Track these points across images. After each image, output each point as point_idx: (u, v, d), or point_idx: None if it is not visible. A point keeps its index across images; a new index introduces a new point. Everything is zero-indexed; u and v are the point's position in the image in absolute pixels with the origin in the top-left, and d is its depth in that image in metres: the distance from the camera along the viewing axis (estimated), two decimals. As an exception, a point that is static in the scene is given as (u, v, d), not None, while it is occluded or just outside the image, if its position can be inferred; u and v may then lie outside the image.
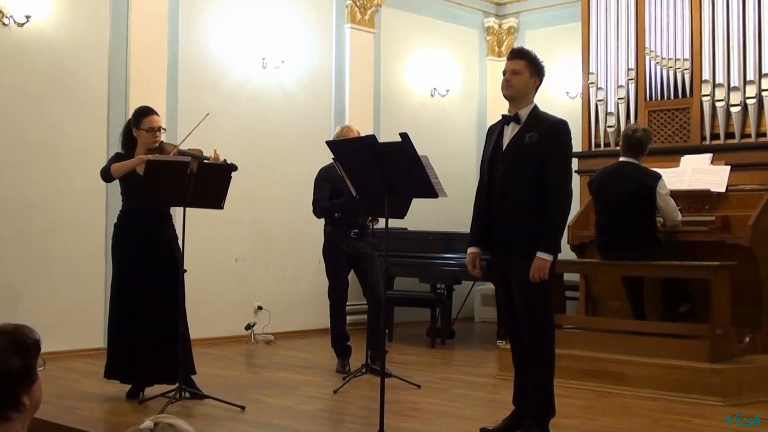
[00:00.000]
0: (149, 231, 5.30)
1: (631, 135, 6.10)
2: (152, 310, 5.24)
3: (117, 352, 5.29)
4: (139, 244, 5.28)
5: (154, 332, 5.24)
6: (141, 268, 5.27)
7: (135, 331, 5.24)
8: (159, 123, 5.37)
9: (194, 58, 7.78)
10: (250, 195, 7.88)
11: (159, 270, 5.28)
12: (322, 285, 6.78)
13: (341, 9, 8.92)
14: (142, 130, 5.31)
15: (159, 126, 5.36)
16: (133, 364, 5.25)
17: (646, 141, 6.10)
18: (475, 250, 4.53)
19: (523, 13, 10.26)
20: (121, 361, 5.28)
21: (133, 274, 5.27)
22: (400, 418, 4.86)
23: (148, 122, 5.31)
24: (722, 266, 5.67)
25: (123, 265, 5.34)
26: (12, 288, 6.66)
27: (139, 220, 5.32)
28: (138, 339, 5.23)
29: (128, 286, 5.27)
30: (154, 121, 5.33)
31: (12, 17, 6.64)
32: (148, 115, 5.34)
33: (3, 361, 1.88)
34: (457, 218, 9.31)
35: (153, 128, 5.31)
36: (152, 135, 5.30)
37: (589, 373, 5.80)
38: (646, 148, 6.11)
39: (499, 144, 4.43)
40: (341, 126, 6.66)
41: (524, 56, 4.40)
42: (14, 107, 6.71)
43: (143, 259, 5.27)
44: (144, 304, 5.24)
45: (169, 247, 5.36)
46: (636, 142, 6.05)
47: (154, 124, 5.32)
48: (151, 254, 5.27)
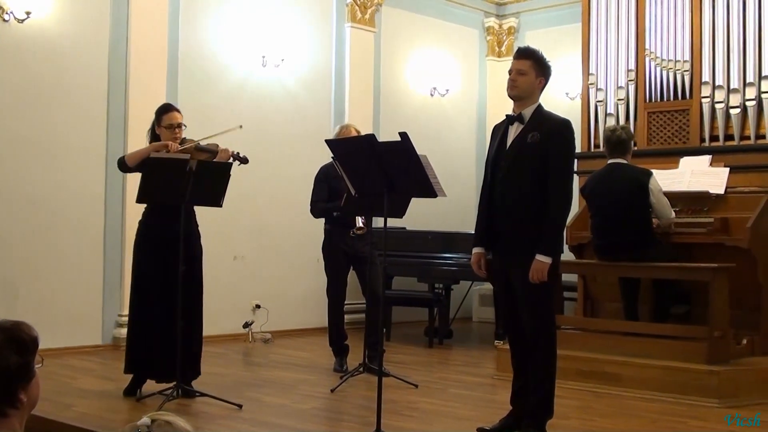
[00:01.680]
0: (169, 226, 5.24)
1: (611, 135, 6.11)
2: (169, 306, 5.21)
3: (135, 348, 5.30)
4: (159, 240, 5.29)
5: (171, 329, 5.20)
6: (158, 264, 5.28)
7: (152, 326, 5.24)
8: (179, 119, 5.43)
9: (194, 56, 7.78)
10: (249, 193, 7.88)
11: (176, 265, 5.21)
12: (320, 284, 6.78)
13: (341, 8, 8.92)
14: (163, 127, 5.40)
15: (179, 122, 5.42)
16: (149, 360, 5.26)
17: (628, 139, 6.10)
18: (480, 251, 4.52)
19: (524, 13, 10.25)
20: (138, 355, 5.28)
21: (152, 270, 5.29)
22: (397, 417, 4.86)
23: (167, 119, 5.41)
24: (721, 268, 5.67)
25: (141, 260, 5.37)
26: (10, 285, 6.65)
27: (161, 216, 5.31)
28: (156, 335, 5.23)
29: (147, 282, 5.30)
30: (174, 117, 5.41)
31: (12, 13, 6.64)
32: (167, 112, 5.44)
33: (0, 357, 1.88)
34: (456, 218, 9.33)
35: (173, 125, 5.39)
36: (172, 131, 5.38)
37: (586, 373, 5.80)
38: (630, 146, 6.12)
39: (503, 143, 4.43)
40: (341, 125, 6.65)
41: (530, 56, 4.39)
42: (13, 104, 6.71)
43: (160, 255, 5.27)
44: (161, 299, 5.23)
45: (189, 242, 5.34)
46: (618, 141, 6.05)
47: (173, 120, 5.41)
48: (170, 250, 5.22)
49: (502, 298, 4.63)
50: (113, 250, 7.20)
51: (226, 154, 5.37)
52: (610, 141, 6.09)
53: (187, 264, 5.24)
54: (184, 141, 5.41)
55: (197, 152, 5.34)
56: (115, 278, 7.19)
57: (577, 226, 6.79)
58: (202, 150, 5.37)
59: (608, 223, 6.06)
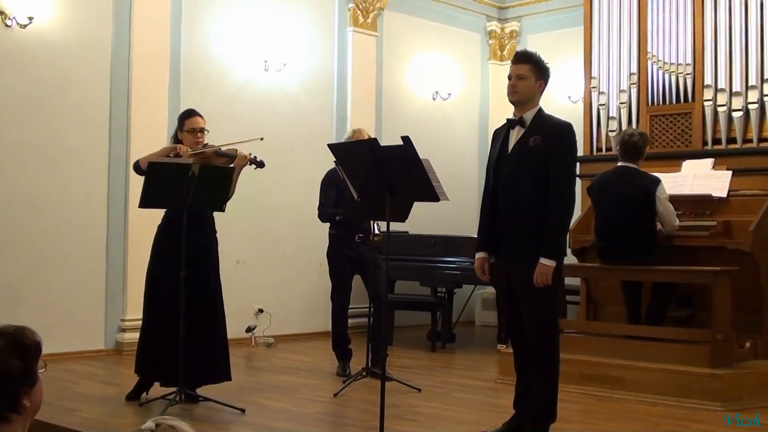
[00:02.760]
0: (187, 233, 5.16)
1: (628, 140, 6.10)
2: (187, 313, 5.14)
3: (146, 351, 5.29)
4: (174, 247, 5.20)
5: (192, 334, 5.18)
6: (172, 271, 5.20)
7: (163, 332, 5.22)
8: (201, 124, 5.42)
9: (196, 61, 7.79)
10: (251, 197, 7.87)
11: (191, 274, 5.17)
12: (322, 288, 6.78)
13: (344, 12, 8.93)
14: (185, 132, 5.40)
15: (201, 127, 5.41)
16: (159, 365, 5.25)
17: (643, 145, 6.10)
18: (483, 255, 4.52)
19: (526, 17, 10.26)
20: (148, 358, 5.27)
21: (166, 277, 5.26)
22: (400, 421, 4.86)
23: (189, 124, 5.41)
24: (723, 271, 5.67)
25: (156, 267, 5.36)
26: (13, 289, 6.66)
27: (178, 223, 5.21)
28: (165, 341, 5.21)
29: (160, 288, 5.28)
30: (196, 122, 5.41)
31: (15, 18, 6.65)
32: (189, 117, 5.44)
33: (3, 362, 1.88)
34: (459, 222, 9.33)
35: (195, 129, 5.39)
36: (194, 136, 5.38)
37: (589, 377, 5.79)
38: (644, 152, 6.11)
39: (504, 147, 4.42)
40: (353, 129, 6.64)
41: (528, 60, 4.39)
42: (15, 109, 6.72)
43: (176, 263, 5.16)
44: (173, 306, 5.17)
45: (205, 251, 5.36)
46: (633, 146, 6.05)
47: (195, 125, 5.40)
48: (185, 258, 5.14)
49: (504, 301, 4.62)
50: (116, 254, 7.20)
51: (244, 159, 5.37)
52: (626, 144, 6.08)
53: (206, 271, 5.29)
54: (205, 146, 5.41)
55: (216, 157, 5.36)
56: (117, 283, 7.19)
57: (579, 229, 6.79)
58: (220, 155, 5.39)
59: (612, 226, 6.05)
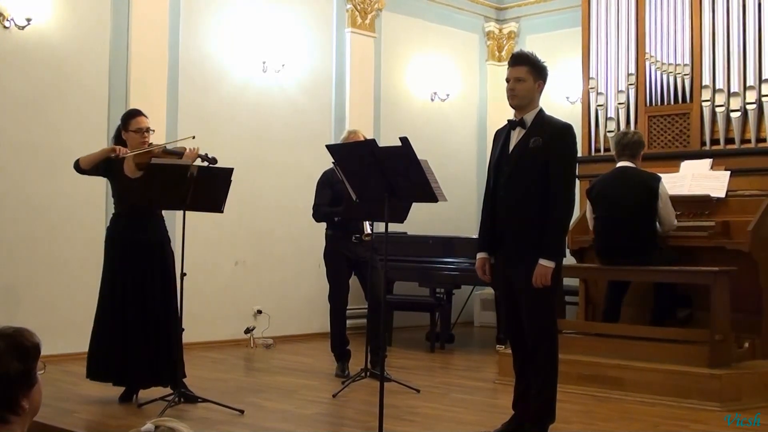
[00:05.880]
0: (140, 233, 5.28)
1: (622, 137, 6.12)
2: (144, 312, 5.23)
3: (106, 354, 5.25)
4: (130, 245, 5.27)
5: (146, 334, 5.23)
6: (131, 270, 5.26)
7: (127, 333, 5.22)
8: (147, 124, 5.39)
9: (195, 62, 7.79)
10: (249, 198, 7.89)
11: (150, 272, 5.27)
12: (321, 289, 6.78)
13: (342, 13, 8.93)
14: (131, 131, 5.35)
15: (147, 127, 5.38)
16: (125, 367, 5.23)
17: (639, 141, 6.11)
18: (484, 256, 4.52)
19: (524, 17, 10.26)
20: (112, 362, 5.25)
21: (124, 276, 5.27)
22: (399, 422, 4.86)
23: (135, 123, 5.36)
24: (722, 272, 5.67)
25: (113, 267, 5.33)
26: (12, 291, 6.66)
27: (130, 222, 5.30)
28: (130, 341, 5.21)
29: (119, 288, 5.27)
30: (141, 122, 5.37)
31: (13, 20, 6.65)
32: (134, 117, 5.40)
33: (2, 364, 1.88)
34: (457, 223, 9.33)
35: (141, 129, 5.35)
36: (140, 136, 5.34)
37: (588, 378, 5.79)
38: (641, 149, 6.12)
39: (505, 148, 4.42)
40: (348, 130, 6.65)
41: (525, 61, 4.39)
42: (13, 110, 6.71)
43: (133, 261, 5.26)
44: (135, 306, 5.22)
45: (162, 248, 5.37)
46: (630, 143, 6.06)
47: (141, 125, 5.36)
48: (142, 256, 5.26)
49: (504, 302, 4.62)
50: (114, 256, 7.19)
51: (193, 154, 5.33)
52: (620, 142, 6.09)
53: (165, 269, 5.27)
54: (151, 145, 5.38)
55: (164, 154, 5.34)
56: (116, 284, 7.18)
57: (578, 230, 6.79)
58: (169, 152, 5.38)
59: (614, 227, 6.04)
